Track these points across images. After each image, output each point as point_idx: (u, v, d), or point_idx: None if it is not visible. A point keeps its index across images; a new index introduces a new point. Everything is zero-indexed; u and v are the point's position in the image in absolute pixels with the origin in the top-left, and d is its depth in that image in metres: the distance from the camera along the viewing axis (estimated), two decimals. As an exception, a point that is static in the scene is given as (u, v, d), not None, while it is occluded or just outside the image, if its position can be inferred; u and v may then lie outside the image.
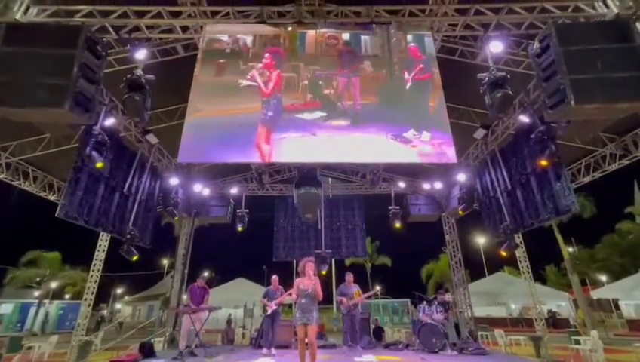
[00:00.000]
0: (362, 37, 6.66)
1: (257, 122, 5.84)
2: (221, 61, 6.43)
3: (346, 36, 6.69)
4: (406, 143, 5.79)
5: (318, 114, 6.00)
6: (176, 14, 6.01)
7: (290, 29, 6.66)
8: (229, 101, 6.07)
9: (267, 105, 6.00)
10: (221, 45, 6.56)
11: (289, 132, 5.77)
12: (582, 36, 4.48)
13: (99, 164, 6.30)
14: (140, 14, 5.77)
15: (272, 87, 6.12)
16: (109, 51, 6.02)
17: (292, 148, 5.69)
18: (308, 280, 4.76)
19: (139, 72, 5.18)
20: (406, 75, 6.37)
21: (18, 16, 4.98)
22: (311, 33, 6.67)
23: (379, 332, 9.94)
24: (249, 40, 6.57)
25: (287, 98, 6.12)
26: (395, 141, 5.78)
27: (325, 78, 6.32)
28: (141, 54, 5.59)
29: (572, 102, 4.10)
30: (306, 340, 4.65)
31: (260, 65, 6.30)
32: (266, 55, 6.40)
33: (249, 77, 6.20)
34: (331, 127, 5.90)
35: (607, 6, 5.13)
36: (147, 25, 5.91)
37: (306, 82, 6.28)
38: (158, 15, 5.84)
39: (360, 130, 5.87)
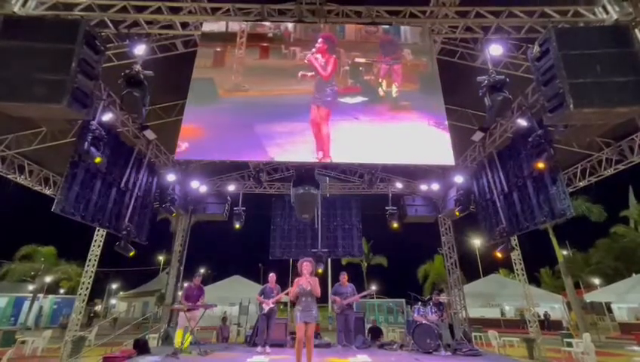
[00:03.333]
0: (401, 25, 6.76)
1: (307, 103, 6.05)
2: (264, 45, 6.61)
3: None
4: (448, 131, 5.97)
5: (359, 98, 6.19)
6: (176, 10, 5.97)
7: None
8: (274, 83, 6.31)
9: (324, 87, 6.21)
10: (264, 29, 6.73)
11: (335, 115, 6.00)
12: (581, 41, 4.51)
13: (97, 159, 6.27)
14: (140, 9, 5.73)
15: (331, 70, 6.32)
16: (108, 46, 5.98)
17: (341, 142, 5.83)
18: (306, 280, 4.82)
19: (137, 67, 5.15)
20: None
21: (16, 8, 4.93)
22: None
23: (376, 333, 9.91)
24: (290, 25, 6.72)
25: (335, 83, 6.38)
26: (437, 128, 5.94)
27: (365, 64, 6.48)
28: (140, 50, 5.54)
29: (571, 106, 4.12)
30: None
31: (315, 49, 6.48)
32: (320, 40, 6.56)
33: (306, 61, 6.40)
34: (373, 112, 6.10)
35: (606, 12, 5.16)
36: (146, 20, 5.87)
37: (347, 68, 6.45)
38: (158, 11, 5.80)
39: (401, 116, 6.05)
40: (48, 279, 25.97)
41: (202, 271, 31.22)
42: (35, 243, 25.69)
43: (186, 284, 7.72)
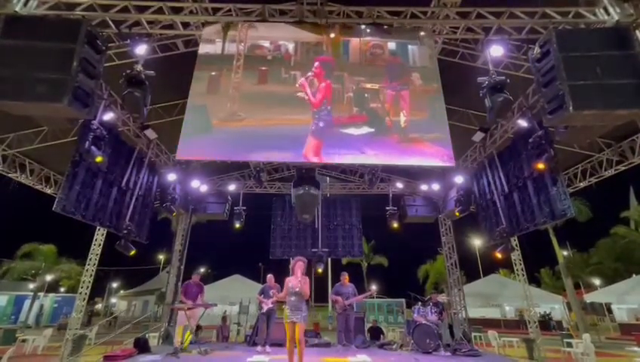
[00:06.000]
0: (410, 47, 6.28)
1: (306, 134, 5.58)
2: (262, 68, 6.15)
3: (391, 45, 6.32)
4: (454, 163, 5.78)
5: (366, 129, 5.64)
6: (177, 10, 5.98)
7: (333, 35, 6.36)
8: (273, 111, 5.78)
9: (317, 116, 5.71)
10: (262, 52, 6.28)
11: (336, 148, 5.54)
12: (582, 42, 4.49)
13: (98, 158, 6.28)
14: (141, 9, 5.74)
15: (321, 98, 5.81)
16: (109, 45, 5.98)
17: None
18: (296, 279, 4.89)
19: (139, 67, 5.16)
20: None
21: (18, 8, 4.93)
22: (355, 41, 6.35)
23: (376, 333, 9.91)
24: (291, 47, 6.27)
25: (332, 110, 5.84)
26: (446, 163, 5.65)
27: (371, 90, 5.96)
28: (141, 49, 5.53)
29: (571, 108, 4.11)
30: None
31: (311, 73, 6.02)
32: (316, 64, 6.10)
33: (299, 85, 5.92)
34: (380, 145, 5.59)
35: (607, 13, 5.16)
36: (148, 20, 5.87)
37: (351, 94, 5.92)
38: (159, 11, 5.81)
39: (411, 149, 5.56)
40: (49, 277, 26.02)
41: (202, 270, 31.39)
42: (36, 241, 25.79)
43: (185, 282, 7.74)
